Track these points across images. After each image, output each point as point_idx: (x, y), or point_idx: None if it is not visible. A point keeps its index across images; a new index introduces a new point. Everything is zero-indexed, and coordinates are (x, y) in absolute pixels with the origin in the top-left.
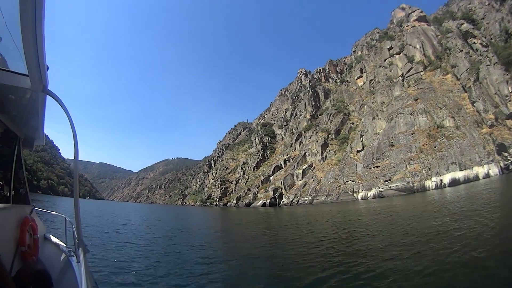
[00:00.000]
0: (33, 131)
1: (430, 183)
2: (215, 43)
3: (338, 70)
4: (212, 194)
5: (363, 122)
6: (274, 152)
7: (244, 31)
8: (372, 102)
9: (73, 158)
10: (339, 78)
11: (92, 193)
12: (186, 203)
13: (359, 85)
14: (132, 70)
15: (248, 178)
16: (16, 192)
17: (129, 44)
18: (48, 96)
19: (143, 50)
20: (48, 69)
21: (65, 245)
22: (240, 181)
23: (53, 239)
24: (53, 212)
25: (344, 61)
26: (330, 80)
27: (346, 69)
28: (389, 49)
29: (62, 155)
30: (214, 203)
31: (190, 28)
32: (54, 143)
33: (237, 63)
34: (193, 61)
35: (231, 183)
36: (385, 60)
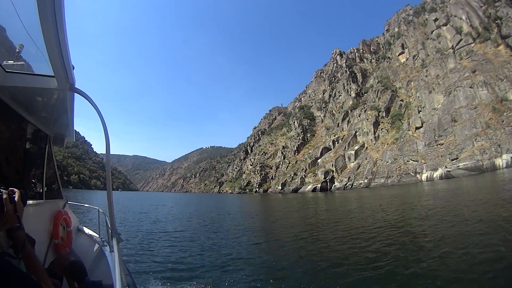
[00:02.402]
0: (63, 129)
1: (501, 161)
2: (245, 28)
3: (372, 50)
4: (252, 181)
5: (418, 97)
6: (314, 135)
7: (273, 17)
8: (426, 76)
9: (105, 152)
10: (374, 58)
11: (126, 185)
12: (223, 190)
13: (401, 61)
14: (164, 62)
15: (289, 163)
16: (48, 188)
17: (162, 33)
18: (77, 95)
19: (176, 40)
20: (74, 68)
21: (98, 235)
22: (281, 166)
23: (86, 230)
24: (86, 205)
25: (377, 41)
26: (365, 60)
27: (382, 47)
28: (435, 20)
29: (94, 150)
30: (254, 190)
31: (221, 14)
32: (86, 139)
33: (267, 48)
34: (224, 48)
35: (271, 169)
36: (432, 32)
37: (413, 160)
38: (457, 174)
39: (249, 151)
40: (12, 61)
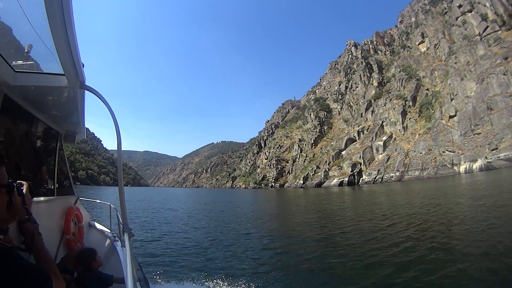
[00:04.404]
0: (74, 126)
1: None
2: (256, 24)
3: (385, 42)
4: (267, 175)
5: (450, 84)
6: (331, 127)
7: (284, 10)
8: (455, 63)
9: (115, 148)
10: (388, 50)
11: (137, 181)
12: (236, 185)
13: (422, 50)
14: (173, 58)
15: (307, 156)
16: (60, 184)
17: (169, 33)
18: (87, 92)
19: (183, 38)
20: (83, 66)
21: (109, 231)
22: (297, 159)
23: (98, 226)
24: (98, 201)
25: (390, 33)
26: (379, 52)
27: (399, 37)
28: (459, 7)
29: (104, 146)
30: (270, 185)
31: (233, 8)
32: (96, 135)
33: (278, 41)
34: (232, 44)
35: (287, 162)
36: (457, 19)
37: (449, 151)
38: (498, 165)
39: (263, 145)
40: (22, 61)
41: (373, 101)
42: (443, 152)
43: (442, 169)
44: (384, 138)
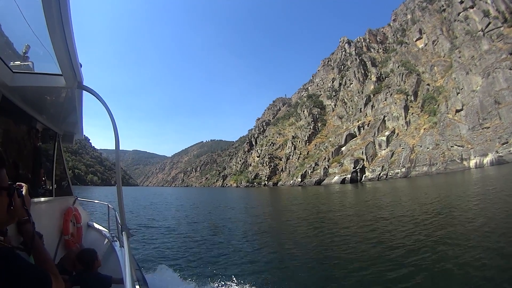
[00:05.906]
0: (72, 126)
1: None
2: (243, 21)
3: (378, 40)
4: (260, 173)
5: (454, 78)
6: (325, 124)
7: (274, 9)
8: (459, 57)
9: (105, 147)
10: (381, 48)
11: (125, 180)
12: (227, 184)
13: (420, 47)
14: (164, 57)
15: (301, 153)
16: (58, 185)
17: (160, 31)
18: (84, 92)
19: (174, 36)
20: (81, 66)
21: (108, 231)
22: (291, 156)
23: (97, 226)
24: (96, 201)
25: (383, 31)
26: (372, 50)
27: (393, 34)
28: (461, 2)
29: (92, 145)
30: (263, 183)
31: (224, 6)
32: (84, 133)
33: (268, 40)
34: (223, 42)
35: (281, 160)
36: (458, 14)
37: (458, 146)
38: (511, 159)
39: (254, 142)
40: (19, 62)
41: (372, 96)
42: (451, 146)
43: (451, 164)
44: (387, 133)
